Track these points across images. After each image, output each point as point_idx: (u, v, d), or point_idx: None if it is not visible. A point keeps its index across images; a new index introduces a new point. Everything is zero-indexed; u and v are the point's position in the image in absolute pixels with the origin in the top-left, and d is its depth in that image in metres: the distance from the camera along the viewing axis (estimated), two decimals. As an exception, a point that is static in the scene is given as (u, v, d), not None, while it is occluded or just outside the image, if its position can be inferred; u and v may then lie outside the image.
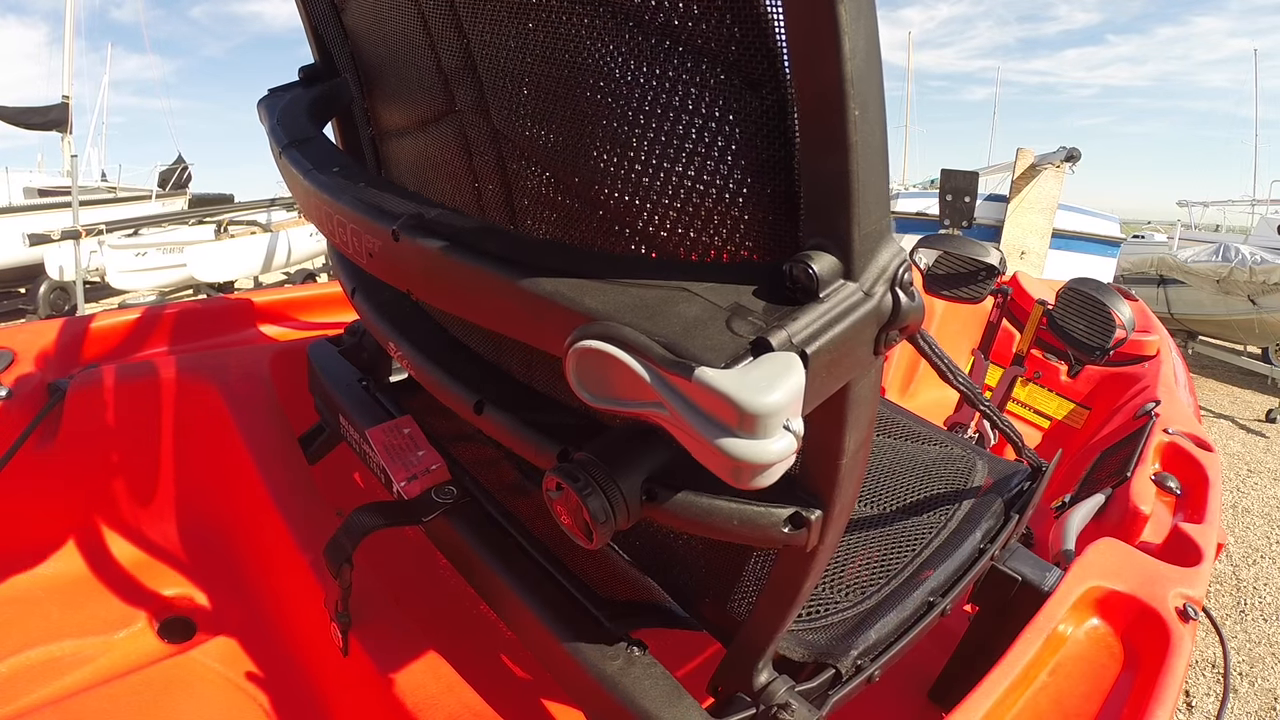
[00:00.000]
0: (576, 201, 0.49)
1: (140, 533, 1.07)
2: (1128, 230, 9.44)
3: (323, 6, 0.79)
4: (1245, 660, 2.40)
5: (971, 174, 6.09)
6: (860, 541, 0.77)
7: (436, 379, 0.67)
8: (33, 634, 0.90)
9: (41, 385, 1.05)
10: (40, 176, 10.29)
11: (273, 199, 8.02)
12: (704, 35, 0.36)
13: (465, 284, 0.41)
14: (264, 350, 1.21)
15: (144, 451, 1.08)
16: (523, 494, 0.77)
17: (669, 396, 0.27)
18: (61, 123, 9.76)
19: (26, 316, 7.03)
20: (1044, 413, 2.06)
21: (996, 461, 0.93)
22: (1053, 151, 6.28)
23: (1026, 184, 6.41)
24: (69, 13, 10.07)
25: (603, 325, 0.29)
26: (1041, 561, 0.83)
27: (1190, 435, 1.24)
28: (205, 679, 0.86)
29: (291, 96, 0.79)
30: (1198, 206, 15.01)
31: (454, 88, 0.59)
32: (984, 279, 1.57)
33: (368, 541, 0.72)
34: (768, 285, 0.31)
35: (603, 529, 0.37)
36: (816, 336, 0.29)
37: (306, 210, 0.63)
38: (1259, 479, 4.02)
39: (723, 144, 0.37)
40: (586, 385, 0.30)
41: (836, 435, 0.37)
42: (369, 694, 0.75)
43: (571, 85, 0.45)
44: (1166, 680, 0.67)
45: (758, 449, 0.25)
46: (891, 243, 0.33)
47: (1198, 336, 6.90)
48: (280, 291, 1.49)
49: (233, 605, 0.99)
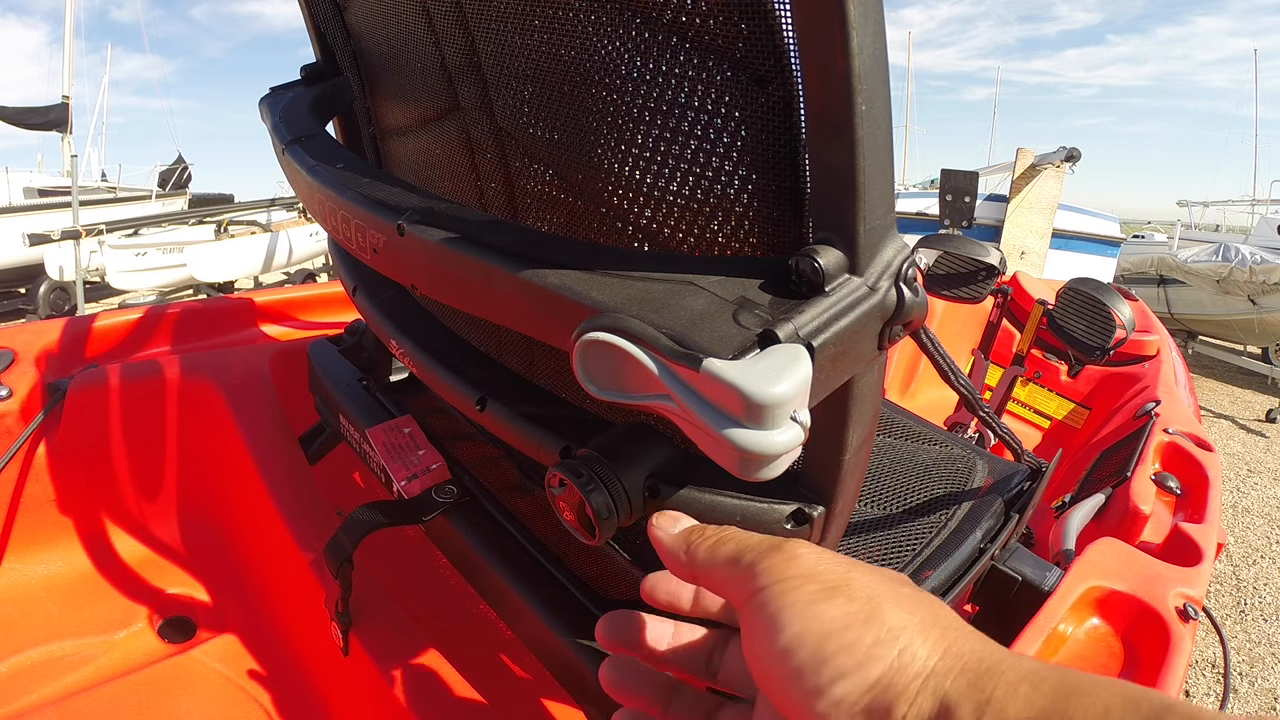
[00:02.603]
0: (580, 199, 0.49)
1: (140, 532, 1.07)
2: (1128, 230, 9.46)
3: (325, 6, 0.79)
4: (1245, 660, 2.40)
5: (971, 174, 6.10)
6: (860, 541, 0.77)
7: (438, 376, 0.67)
8: (33, 634, 0.90)
9: (42, 385, 1.05)
10: (40, 176, 10.30)
11: (273, 199, 8.04)
12: (711, 32, 0.36)
13: (470, 277, 0.41)
14: (264, 350, 1.21)
15: (144, 451, 1.08)
16: (524, 493, 0.77)
17: (676, 388, 0.27)
18: (61, 123, 9.77)
19: (26, 316, 7.04)
20: (1044, 413, 2.07)
21: (997, 461, 0.93)
22: (1053, 151, 6.29)
23: (1026, 184, 6.42)
24: (69, 13, 10.08)
25: (610, 317, 0.29)
26: (1042, 561, 0.83)
27: (1190, 435, 1.24)
28: (205, 679, 0.86)
29: (294, 95, 0.79)
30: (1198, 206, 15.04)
31: (457, 85, 0.59)
32: (984, 279, 1.57)
33: (368, 541, 0.72)
34: (774, 279, 0.31)
35: (605, 525, 0.37)
36: (822, 330, 0.29)
37: (310, 206, 0.63)
38: (1259, 479, 4.03)
39: (729, 140, 0.37)
40: (593, 378, 0.30)
41: (840, 431, 0.37)
42: (369, 694, 0.75)
43: (577, 82, 0.45)
44: (1166, 680, 0.67)
45: (765, 440, 0.25)
46: (896, 238, 0.33)
47: (1198, 336, 6.92)
48: (280, 291, 1.49)
49: (233, 605, 0.99)
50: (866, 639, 0.24)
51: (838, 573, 0.26)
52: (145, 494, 1.08)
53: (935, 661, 0.24)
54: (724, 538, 0.30)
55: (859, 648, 0.24)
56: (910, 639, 0.24)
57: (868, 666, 0.24)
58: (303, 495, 0.97)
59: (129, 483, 1.08)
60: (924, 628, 0.25)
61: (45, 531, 1.02)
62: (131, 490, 1.08)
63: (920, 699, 0.23)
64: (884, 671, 0.24)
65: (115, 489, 1.07)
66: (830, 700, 0.24)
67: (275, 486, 0.98)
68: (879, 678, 0.24)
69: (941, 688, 0.23)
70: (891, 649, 0.24)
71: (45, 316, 6.74)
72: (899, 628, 0.25)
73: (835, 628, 0.25)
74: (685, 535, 0.31)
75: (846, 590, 0.26)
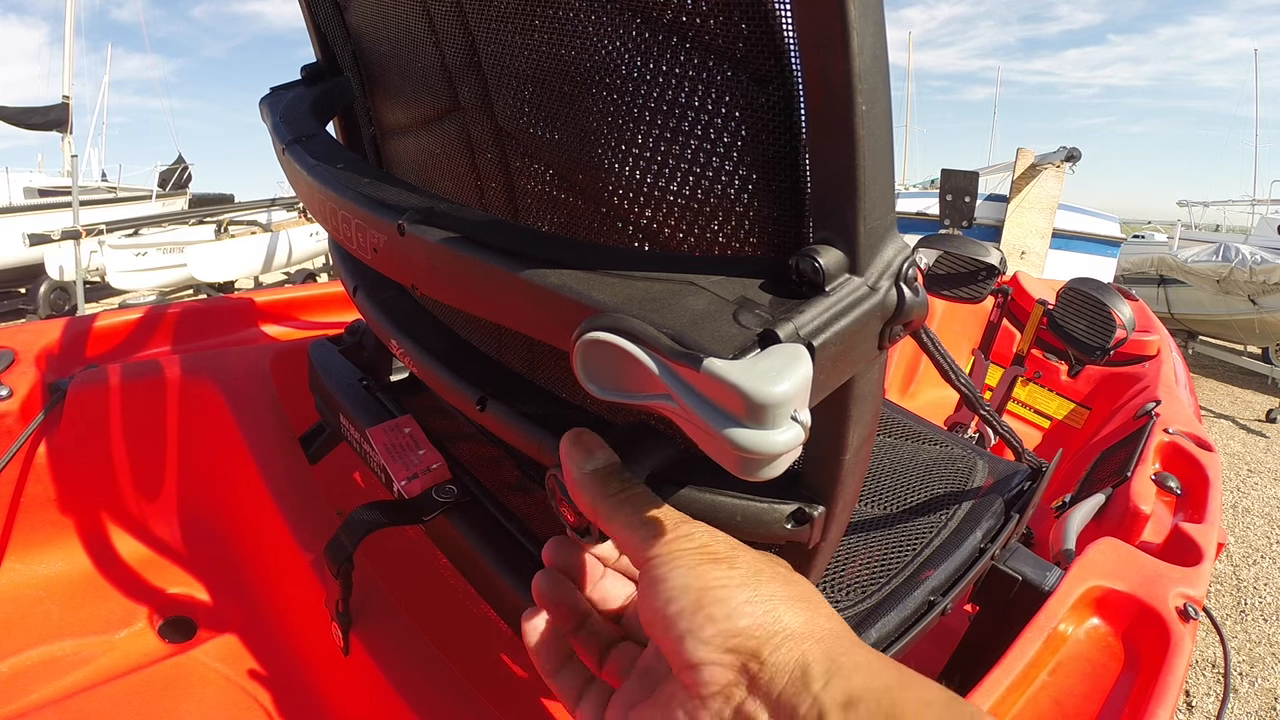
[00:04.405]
0: (581, 199, 0.49)
1: (140, 532, 1.07)
2: (1128, 230, 9.46)
3: (326, 5, 0.79)
4: (1245, 660, 2.40)
5: (972, 174, 6.10)
6: (861, 541, 0.77)
7: (439, 376, 0.67)
8: (33, 634, 0.90)
9: (42, 385, 1.05)
10: (40, 176, 10.30)
11: (273, 199, 8.04)
12: (711, 32, 0.36)
13: (471, 277, 0.41)
14: (265, 350, 1.21)
15: (144, 451, 1.08)
16: (524, 492, 0.77)
17: (676, 387, 0.27)
18: (62, 123, 9.77)
19: (26, 316, 7.04)
20: (1044, 412, 2.07)
21: (997, 461, 0.93)
22: (1053, 151, 6.30)
23: (1027, 184, 6.42)
24: (69, 13, 10.09)
25: (610, 317, 0.29)
26: (1042, 561, 0.83)
27: (1191, 435, 1.24)
28: (206, 679, 0.86)
29: (294, 94, 0.79)
30: (1198, 206, 15.05)
31: (458, 85, 0.59)
32: (984, 279, 1.57)
33: (368, 541, 0.72)
34: (774, 279, 0.31)
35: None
36: (823, 329, 0.29)
37: (310, 206, 0.63)
38: (1259, 479, 4.03)
39: (729, 140, 0.37)
40: (593, 378, 0.30)
41: (840, 431, 0.37)
42: (369, 694, 0.75)
43: (577, 82, 0.45)
44: (1167, 680, 0.67)
45: (765, 439, 0.25)
46: (896, 238, 0.33)
47: (1198, 336, 6.92)
48: (281, 291, 1.49)
49: (233, 605, 0.99)
50: (739, 596, 0.28)
51: (725, 548, 0.31)
52: (145, 494, 1.08)
53: (798, 626, 0.28)
54: (629, 498, 0.33)
55: (731, 602, 0.28)
56: (778, 605, 0.28)
57: (736, 618, 0.28)
58: (303, 495, 0.97)
59: (129, 483, 1.08)
60: (792, 600, 0.29)
61: (45, 531, 1.02)
62: (131, 490, 1.08)
63: (783, 650, 0.27)
64: (751, 624, 0.28)
65: (115, 489, 1.07)
66: (700, 639, 0.28)
67: (275, 486, 0.98)
68: (746, 627, 0.28)
69: (800, 648, 0.27)
70: (760, 608, 0.28)
71: (45, 316, 6.74)
72: (770, 595, 0.29)
73: (714, 585, 0.29)
74: (595, 481, 0.34)
75: (730, 560, 0.30)
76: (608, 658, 0.37)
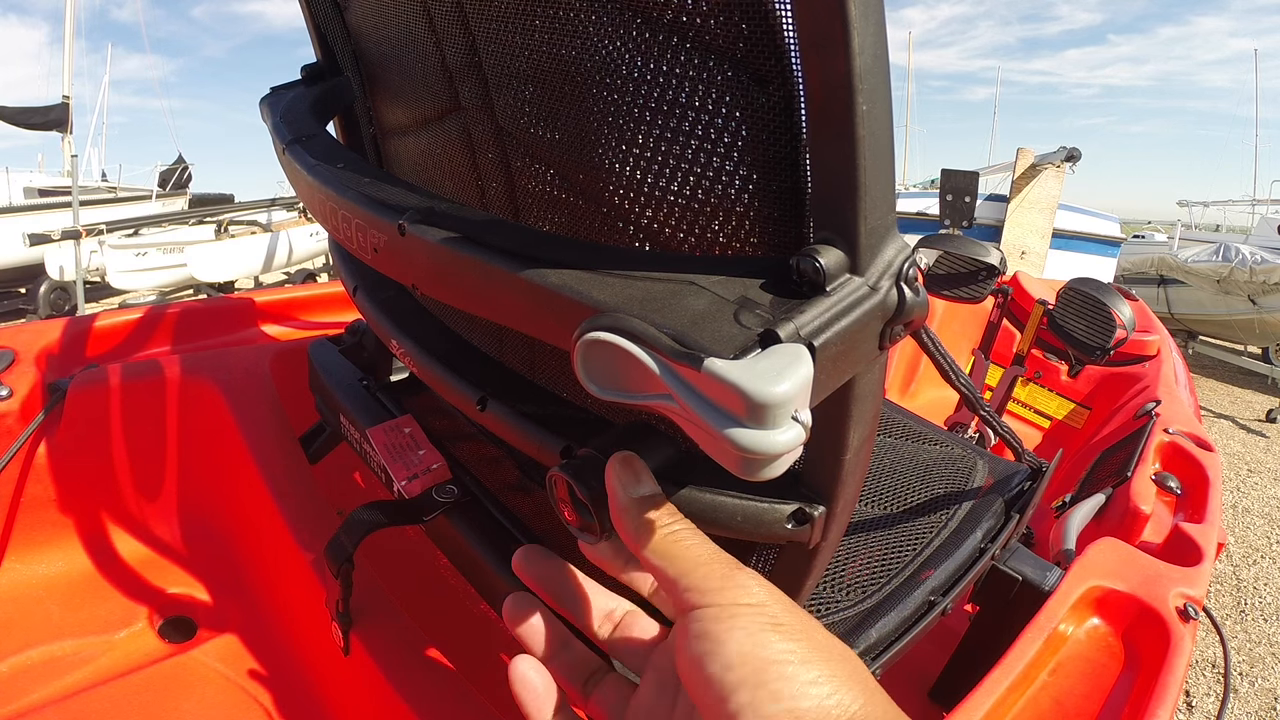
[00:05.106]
0: (582, 199, 0.49)
1: (141, 532, 1.07)
2: (1128, 230, 9.46)
3: (326, 5, 0.79)
4: (1245, 660, 2.40)
5: (972, 174, 6.10)
6: (861, 541, 0.77)
7: (439, 376, 0.67)
8: (33, 634, 0.90)
9: (42, 385, 1.05)
10: (40, 176, 10.30)
11: (273, 199, 8.04)
12: (712, 32, 0.36)
13: (471, 277, 0.41)
14: (265, 350, 1.21)
15: (145, 451, 1.08)
16: (524, 492, 0.77)
17: (677, 387, 0.27)
18: (62, 123, 9.76)
19: (26, 316, 7.04)
20: (1044, 413, 2.07)
21: (997, 461, 0.93)
22: (1053, 151, 6.29)
23: (1027, 184, 6.42)
24: (69, 12, 10.08)
25: (611, 317, 0.29)
26: (1042, 561, 0.83)
27: (1191, 435, 1.24)
28: (206, 679, 0.86)
29: (294, 95, 0.79)
30: (1198, 206, 15.05)
31: (458, 85, 0.59)
32: (984, 279, 1.57)
33: (368, 541, 0.72)
34: (775, 279, 0.31)
35: (606, 526, 0.37)
36: (824, 329, 0.29)
37: (310, 206, 0.63)
38: (1259, 479, 4.03)
39: (729, 140, 0.37)
40: (594, 378, 0.30)
41: (841, 431, 0.37)
42: (369, 694, 0.75)
43: (578, 82, 0.45)
44: (1167, 680, 0.67)
45: (766, 439, 0.25)
46: (897, 238, 0.33)
47: (1198, 336, 6.92)
48: (281, 291, 1.49)
49: (233, 605, 0.99)
50: (804, 675, 0.27)
51: (783, 613, 0.30)
52: (145, 494, 1.08)
53: (856, 710, 0.27)
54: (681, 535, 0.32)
55: (796, 681, 0.27)
56: (838, 686, 0.28)
57: (800, 699, 0.27)
58: (303, 495, 0.97)
59: (129, 483, 1.08)
60: (850, 680, 0.28)
61: (45, 531, 1.02)
62: (131, 490, 1.08)
63: None
64: (814, 706, 0.27)
65: (115, 489, 1.07)
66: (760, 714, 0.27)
67: (276, 486, 0.98)
68: (808, 710, 0.27)
69: None
70: (825, 689, 0.27)
71: (45, 316, 6.74)
72: (832, 676, 0.28)
73: (777, 658, 0.28)
74: (643, 510, 0.33)
75: (790, 630, 0.29)
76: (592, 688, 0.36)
